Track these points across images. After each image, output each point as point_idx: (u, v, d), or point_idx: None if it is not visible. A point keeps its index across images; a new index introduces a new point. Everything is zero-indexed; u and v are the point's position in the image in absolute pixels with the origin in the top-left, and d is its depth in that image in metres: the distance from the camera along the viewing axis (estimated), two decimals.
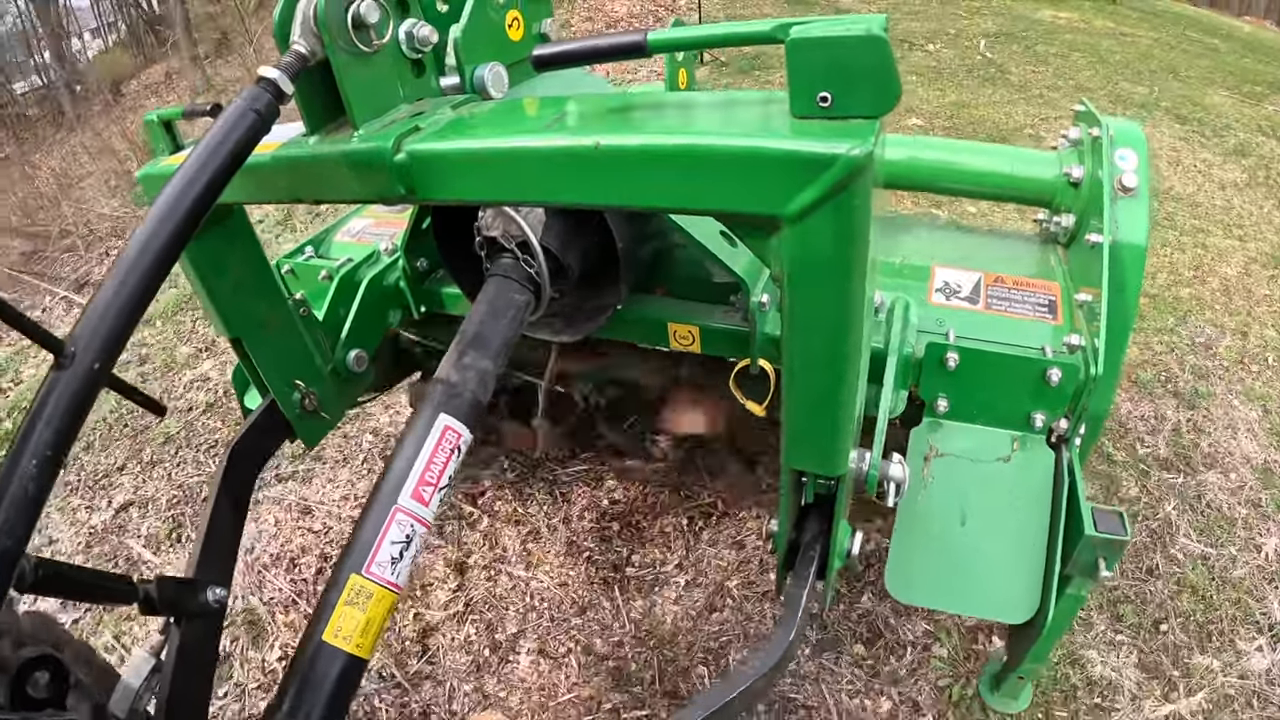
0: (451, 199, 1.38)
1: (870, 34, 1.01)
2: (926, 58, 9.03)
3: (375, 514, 1.38)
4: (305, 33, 1.31)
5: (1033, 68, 8.79)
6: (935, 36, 9.82)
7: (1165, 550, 2.89)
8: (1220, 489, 3.15)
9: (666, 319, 2.07)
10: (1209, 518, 3.03)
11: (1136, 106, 7.51)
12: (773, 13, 10.51)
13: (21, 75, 18.92)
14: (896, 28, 10.06)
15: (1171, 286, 4.46)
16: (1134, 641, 2.57)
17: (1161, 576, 2.79)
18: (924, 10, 11.23)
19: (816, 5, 11.12)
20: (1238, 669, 2.50)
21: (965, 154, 2.37)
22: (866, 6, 11.30)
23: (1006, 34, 10.14)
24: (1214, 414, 3.53)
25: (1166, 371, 3.79)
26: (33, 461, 0.99)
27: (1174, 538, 2.94)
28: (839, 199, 1.05)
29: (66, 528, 3.60)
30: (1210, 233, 5.04)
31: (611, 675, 2.57)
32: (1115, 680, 2.46)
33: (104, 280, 1.10)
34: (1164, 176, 5.93)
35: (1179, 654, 2.54)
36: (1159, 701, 2.42)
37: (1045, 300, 2.04)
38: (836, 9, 10.93)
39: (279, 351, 1.98)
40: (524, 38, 1.84)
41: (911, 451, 1.91)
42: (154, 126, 1.73)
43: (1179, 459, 3.29)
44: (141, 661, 1.36)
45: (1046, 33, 10.39)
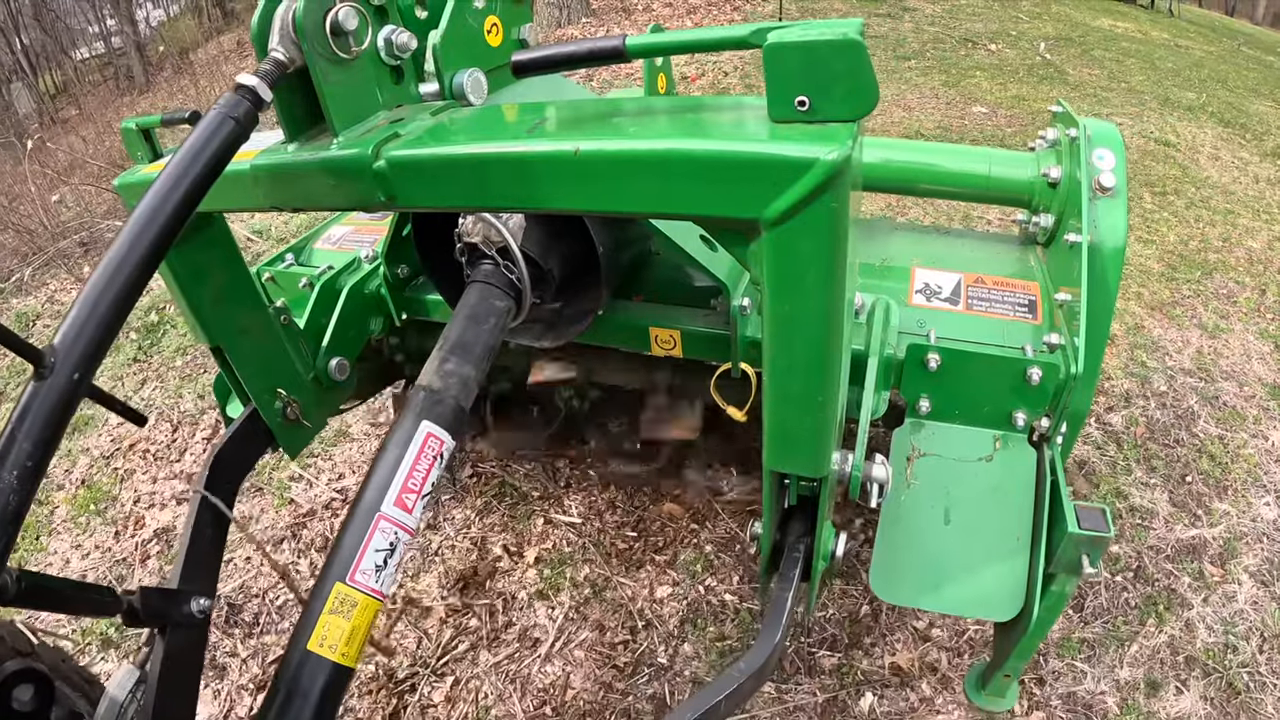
0: (431, 206, 1.38)
1: (846, 38, 1.01)
2: (989, 56, 9.39)
3: (358, 522, 1.37)
4: (284, 40, 1.31)
5: (1089, 70, 9.05)
6: (997, 37, 10.16)
7: (1189, 429, 3.48)
8: (1235, 395, 3.70)
9: (648, 323, 2.07)
10: (1225, 412, 3.59)
11: (1183, 109, 7.71)
12: (843, 8, 11.27)
13: (84, 41, 18.84)
14: (960, 28, 10.56)
15: (1201, 251, 4.93)
16: (1165, 485, 3.18)
17: (1185, 446, 3.38)
18: (986, 13, 11.61)
19: (885, 2, 11.68)
20: (1250, 514, 3.07)
21: (943, 156, 2.38)
22: (932, 6, 11.70)
23: (1065, 39, 10.44)
24: (1232, 344, 4.07)
25: (1192, 311, 4.33)
26: (13, 474, 0.98)
27: (1195, 422, 3.52)
28: (817, 202, 1.06)
29: None
30: (1240, 215, 5.46)
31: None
32: (1151, 508, 3.07)
33: (83, 290, 1.09)
34: (1202, 168, 6.26)
35: (1201, 499, 3.13)
36: (1187, 527, 3.01)
37: (1025, 300, 2.05)
38: (903, 7, 11.49)
39: (260, 360, 1.97)
40: (503, 43, 1.84)
41: (894, 452, 1.92)
42: (131, 134, 1.72)
43: (1200, 370, 3.86)
44: (126, 674, 1.35)
45: (1104, 39, 10.72)
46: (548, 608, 2.81)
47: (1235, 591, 2.75)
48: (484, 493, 3.28)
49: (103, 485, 3.73)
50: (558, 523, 3.12)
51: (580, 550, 3.00)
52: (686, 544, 2.99)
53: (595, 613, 2.77)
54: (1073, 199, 2.04)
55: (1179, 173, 6.04)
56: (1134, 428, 3.45)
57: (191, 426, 4.04)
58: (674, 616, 2.73)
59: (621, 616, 2.74)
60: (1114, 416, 3.51)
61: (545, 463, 3.37)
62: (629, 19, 10.81)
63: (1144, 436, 3.41)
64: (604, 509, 3.16)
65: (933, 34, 10.19)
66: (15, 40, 16.05)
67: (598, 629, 2.71)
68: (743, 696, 1.59)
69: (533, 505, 3.21)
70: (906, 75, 8.42)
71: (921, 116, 7.05)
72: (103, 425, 4.15)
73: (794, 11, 10.67)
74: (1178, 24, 13.35)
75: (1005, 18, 11.34)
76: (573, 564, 2.95)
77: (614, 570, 2.92)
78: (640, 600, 2.80)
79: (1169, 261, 4.76)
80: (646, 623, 2.71)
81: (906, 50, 9.44)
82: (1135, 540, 2.92)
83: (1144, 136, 6.71)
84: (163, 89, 14.57)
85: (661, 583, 2.86)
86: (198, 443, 3.90)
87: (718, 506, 3.10)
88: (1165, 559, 2.86)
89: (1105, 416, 3.51)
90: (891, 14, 11.14)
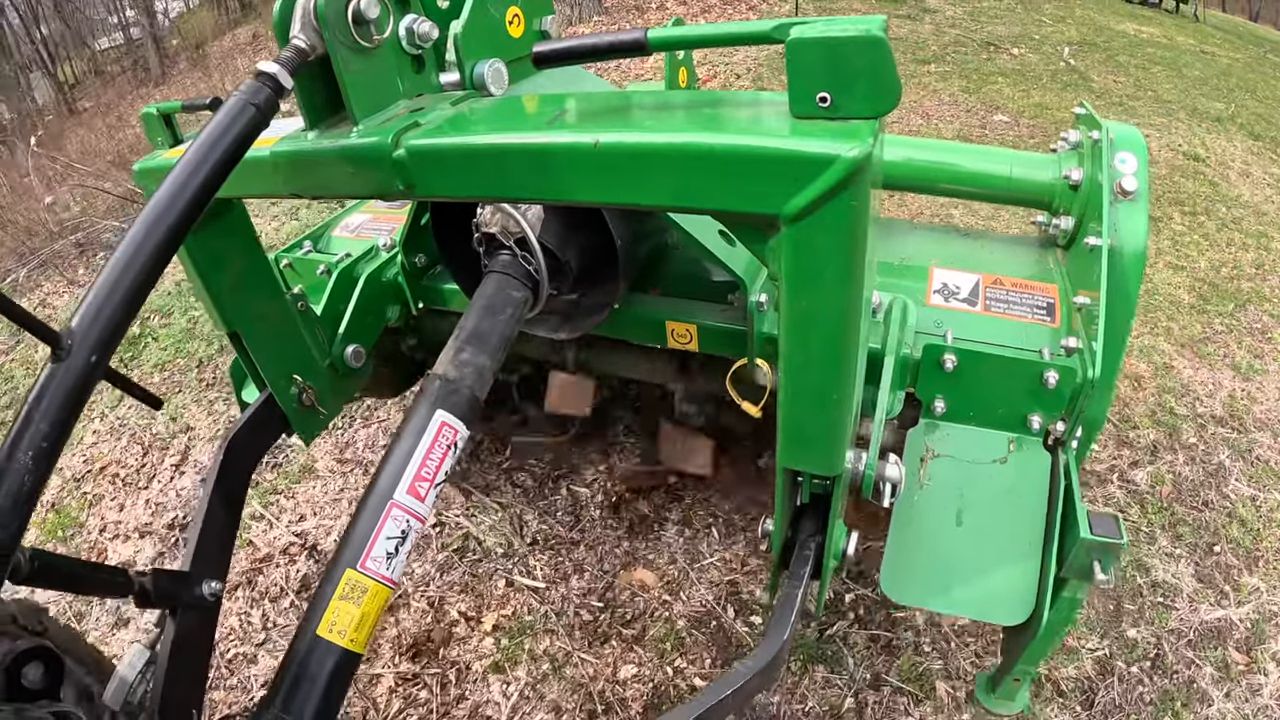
0: (450, 195, 1.38)
1: (870, 34, 1.01)
2: (1011, 61, 9.09)
3: (371, 509, 1.38)
4: (305, 27, 1.31)
5: (1114, 77, 8.82)
6: (1020, 41, 9.85)
7: (1219, 489, 3.19)
8: (1269, 447, 3.42)
9: (664, 317, 2.07)
10: (1258, 468, 3.30)
11: (1211, 120, 7.50)
12: (862, 8, 10.83)
13: (103, 32, 18.96)
14: (981, 30, 10.21)
15: (1234, 279, 4.69)
16: (1190, 556, 2.90)
17: (1215, 509, 3.10)
18: (1008, 15, 11.28)
19: (905, 3, 11.29)
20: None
21: (965, 156, 2.37)
22: (952, 8, 11.36)
23: (1089, 43, 10.15)
24: (1267, 389, 3.79)
25: (1224, 349, 4.05)
26: (29, 454, 0.99)
27: (1226, 480, 3.23)
28: (837, 199, 1.05)
29: (204, 417, 4.00)
30: (1274, 238, 5.23)
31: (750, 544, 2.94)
32: (1175, 584, 2.80)
33: (101, 273, 1.10)
34: (1233, 185, 6.04)
35: (1230, 572, 2.85)
36: (1213, 606, 2.73)
37: (1044, 303, 2.04)
38: (923, 8, 11.10)
39: (277, 346, 1.98)
40: (524, 34, 1.84)
41: (908, 452, 1.91)
42: (152, 119, 1.73)
43: (1233, 418, 3.57)
44: (136, 654, 1.36)
45: (1129, 45, 10.41)
46: (502, 683, 2.60)
47: (1261, 684, 2.52)
48: (446, 545, 3.06)
49: (70, 511, 3.64)
50: (520, 586, 2.88)
51: (542, 619, 2.76)
52: (657, 617, 2.74)
53: (553, 691, 2.55)
54: (1094, 202, 2.03)
55: (1209, 190, 5.81)
56: (1160, 487, 3.17)
57: (161, 451, 3.87)
58: (637, 700, 2.52)
59: (580, 698, 2.53)
60: (1139, 473, 3.24)
61: (513, 515, 3.13)
62: (642, 17, 10.65)
63: (1170, 497, 3.13)
64: (571, 572, 2.92)
65: (953, 37, 9.88)
66: (35, 31, 16.17)
67: (554, 711, 2.51)
68: (749, 694, 1.59)
69: (496, 563, 2.97)
70: (925, 80, 8.20)
71: (940, 125, 6.85)
72: (76, 445, 4.07)
73: (811, 11, 10.13)
74: (1203, 29, 13.10)
75: (1028, 21, 11.04)
76: (533, 634, 2.72)
77: (576, 644, 2.68)
78: (602, 680, 2.57)
79: (1200, 291, 4.51)
80: (607, 706, 2.50)
81: (926, 53, 9.16)
82: (1156, 623, 2.68)
83: (1172, 149, 6.53)
84: (177, 81, 14.63)
85: (627, 661, 2.62)
86: (166, 469, 3.74)
87: (694, 574, 2.86)
88: (1187, 645, 2.62)
89: (1130, 473, 3.24)
90: (911, 15, 10.81)
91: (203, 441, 3.87)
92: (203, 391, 4.22)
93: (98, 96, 15.07)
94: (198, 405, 4.12)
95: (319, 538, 3.19)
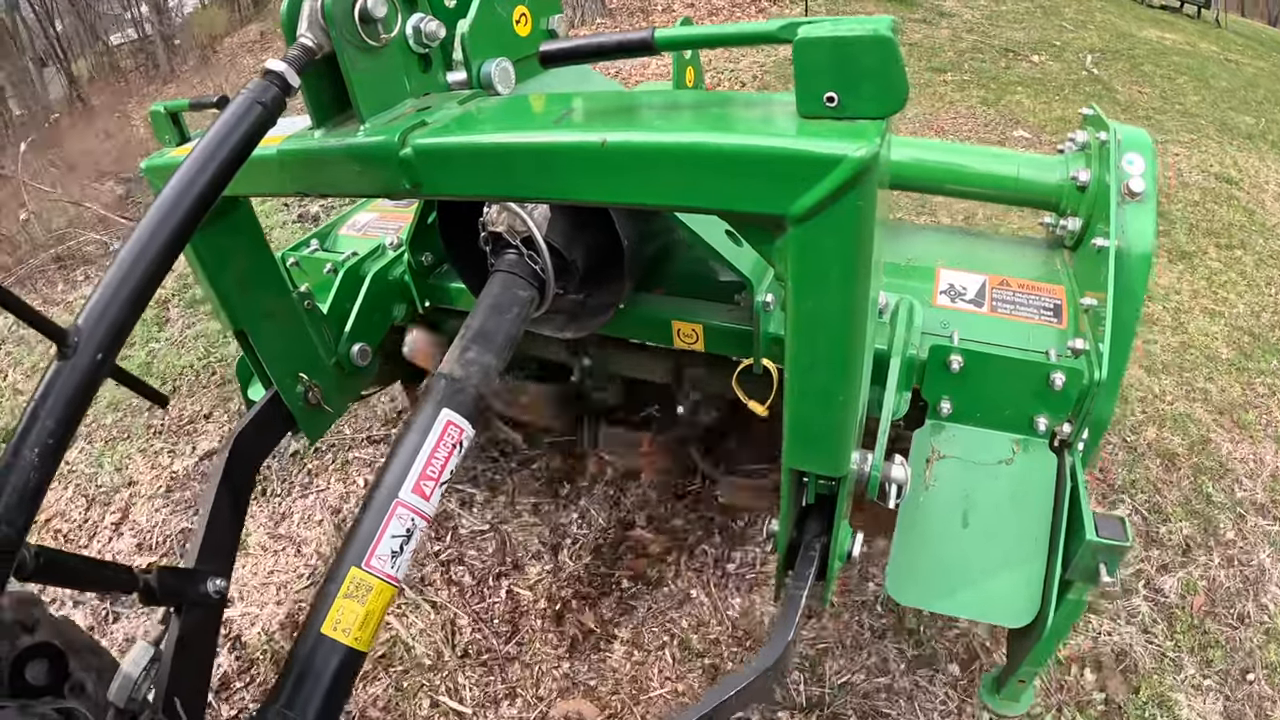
0: (457, 194, 1.38)
1: (878, 34, 1.00)
2: (1031, 69, 8.76)
3: (376, 507, 1.38)
4: (312, 26, 1.31)
5: (1139, 88, 8.56)
6: (1040, 48, 9.58)
7: (1256, 598, 2.87)
8: None
9: (670, 317, 2.07)
10: None
11: (1243, 137, 7.28)
12: (875, 9, 10.49)
13: (118, 27, 18.99)
14: (1000, 36, 9.94)
15: (1276, 327, 4.39)
16: (1221, 688, 2.57)
17: (1251, 625, 2.77)
18: (1028, 21, 10.97)
19: (920, 6, 10.97)
20: None
21: (972, 156, 2.36)
22: (970, 11, 11.08)
23: (1112, 51, 9.87)
24: None
25: (1267, 415, 3.73)
26: (34, 451, 0.99)
27: (1265, 586, 2.92)
28: (845, 199, 1.05)
29: (148, 470, 3.64)
30: None
31: (706, 673, 2.58)
32: None
33: (108, 271, 1.10)
34: (1269, 212, 5.80)
35: (1263, 705, 2.54)
36: None
37: (1050, 304, 2.03)
38: (939, 11, 10.84)
39: (283, 344, 1.98)
40: (531, 33, 1.84)
41: (914, 453, 1.90)
42: (160, 118, 1.73)
43: (1275, 505, 3.25)
44: (141, 652, 1.36)
45: (1153, 53, 10.12)
46: None
47: None
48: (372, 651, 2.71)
49: None
50: (446, 709, 2.55)
51: None
52: None
53: None
54: (1101, 203, 2.02)
55: (1245, 219, 5.52)
56: (1191, 597, 2.84)
57: (104, 507, 3.52)
58: None
59: None
60: (1168, 580, 2.90)
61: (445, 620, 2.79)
62: (647, 20, 10.52)
63: (1202, 611, 2.80)
64: (502, 696, 2.57)
65: (971, 43, 9.57)
66: (50, 26, 16.24)
67: None
68: (754, 694, 1.59)
69: (422, 677, 2.63)
70: (941, 90, 7.93)
71: (956, 141, 6.43)
72: None
73: (823, 14, 9.83)
74: (1225, 36, 12.86)
75: (1048, 26, 10.73)
76: None
77: None
78: None
79: (1239, 343, 4.14)
80: None
81: (942, 60, 8.90)
82: None
83: (1204, 171, 6.26)
84: (185, 79, 14.65)
85: None
86: (106, 528, 3.39)
87: (638, 709, 2.52)
88: None
89: (1158, 579, 2.90)
90: (927, 19, 10.50)
91: (144, 500, 3.50)
92: (150, 440, 3.88)
93: (109, 93, 15.12)
94: (143, 456, 3.78)
95: (243, 627, 2.84)
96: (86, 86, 15.91)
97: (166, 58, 16.46)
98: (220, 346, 4.42)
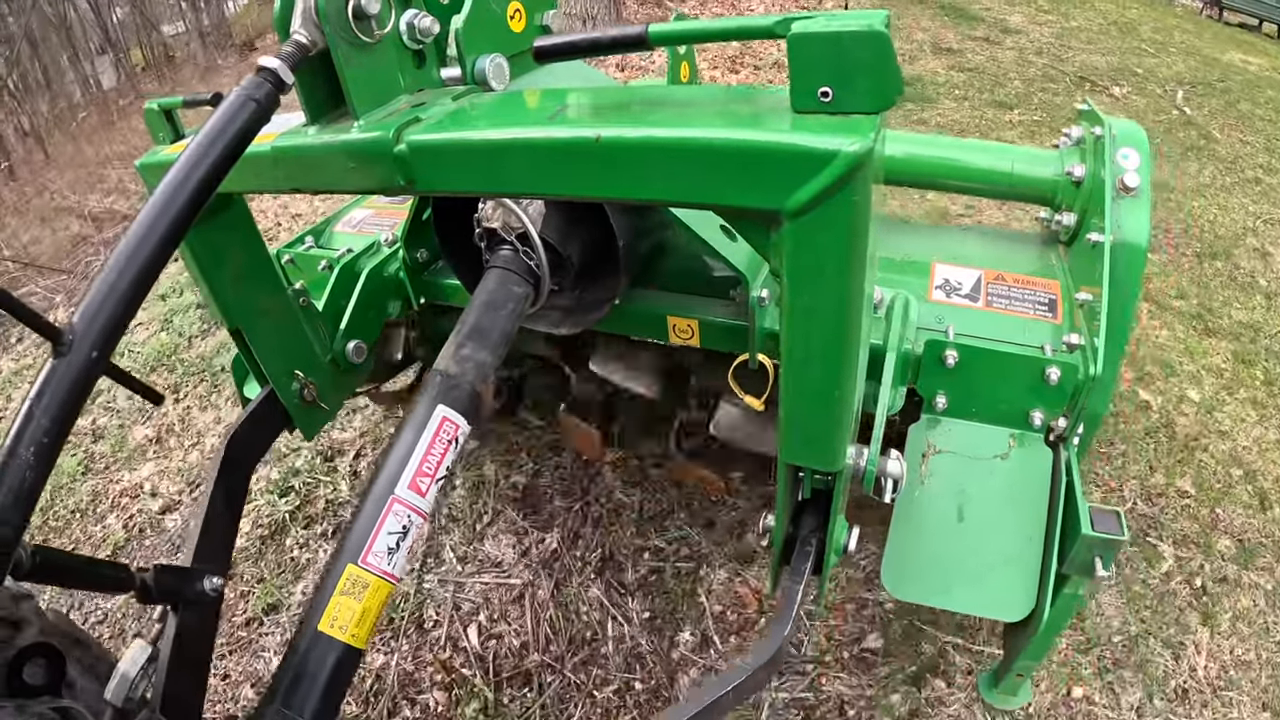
0: (451, 190, 1.38)
1: (872, 29, 1.00)
2: (1114, 106, 7.38)
3: (372, 504, 1.38)
4: (306, 22, 1.31)
5: (1240, 135, 7.00)
6: (1121, 76, 8.22)
7: None
8: None
9: (666, 312, 2.07)
10: None
11: None
12: (930, 25, 9.34)
13: (171, 19, 18.92)
14: (1073, 60, 8.61)
15: None
16: None
17: None
18: (1102, 41, 9.50)
19: (981, 21, 9.57)
20: None
21: (967, 151, 2.37)
22: (1038, 27, 9.63)
23: (1202, 83, 8.35)
24: None
25: None
26: (30, 449, 0.99)
27: None
28: (839, 194, 1.05)
29: None
30: None
31: None
32: None
33: (102, 269, 1.10)
34: None
35: None
36: None
37: (1045, 299, 2.03)
38: (1003, 28, 9.42)
39: (278, 341, 1.98)
40: (526, 29, 1.84)
41: (910, 448, 1.91)
42: (154, 115, 1.73)
43: None
44: (138, 650, 1.36)
45: (1247, 85, 8.61)
46: None
47: None
48: None
49: None
50: None
51: None
52: None
53: None
54: (1096, 198, 2.03)
55: None
56: None
57: None
58: None
59: None
60: None
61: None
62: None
63: None
64: None
65: (1040, 68, 8.17)
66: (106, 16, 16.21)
67: None
68: (751, 688, 1.59)
69: None
70: (1008, 136, 6.45)
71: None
72: None
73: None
74: None
75: (1126, 49, 9.20)
76: None
77: None
78: None
79: None
80: None
81: (1008, 92, 7.41)
82: None
83: None
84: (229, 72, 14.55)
85: None
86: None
87: None
88: None
89: None
90: (989, 37, 9.04)
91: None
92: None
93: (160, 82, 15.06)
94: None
95: None
96: (141, 75, 15.89)
97: (203, 53, 16.45)
98: None
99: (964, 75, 7.86)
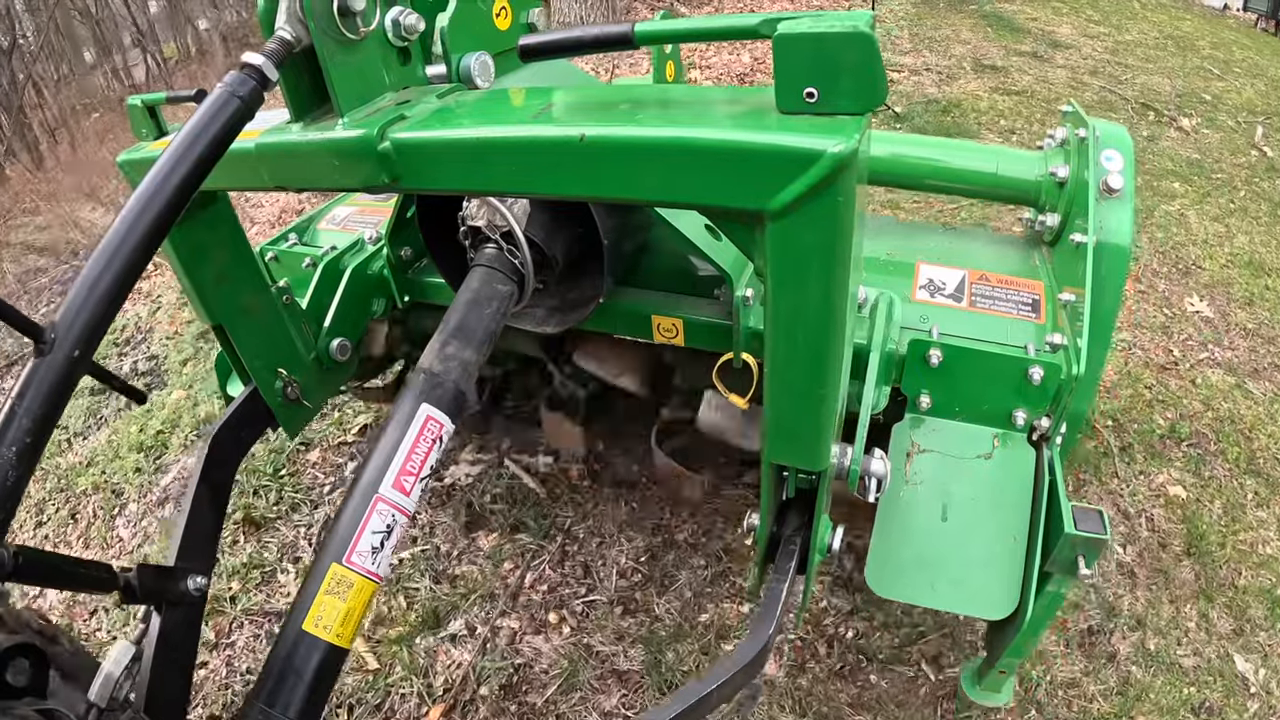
0: (435, 188, 1.37)
1: (857, 30, 1.01)
2: (1183, 141, 6.02)
3: (356, 503, 1.38)
4: (291, 19, 1.30)
5: None
6: (1188, 104, 6.84)
7: None
8: None
9: (650, 311, 2.07)
10: None
11: None
12: (971, 36, 8.26)
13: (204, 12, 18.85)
14: (1133, 81, 7.27)
15: None
16: None
17: None
18: (1160, 59, 8.06)
19: (1027, 33, 8.44)
20: None
21: (951, 152, 2.38)
22: (1090, 41, 8.39)
23: (1277, 114, 6.87)
24: None
25: None
26: (11, 449, 0.98)
27: None
28: (824, 194, 1.06)
29: None
30: None
31: None
32: None
33: (85, 267, 1.09)
34: None
35: None
36: None
37: (1029, 299, 2.04)
38: (1052, 41, 8.21)
39: (261, 339, 1.97)
40: (511, 27, 1.84)
41: (893, 447, 1.91)
42: (137, 111, 1.71)
43: None
44: (122, 651, 1.35)
45: None
46: None
47: None
48: None
49: None
50: None
51: None
52: None
53: None
54: (1079, 199, 2.04)
55: None
56: None
57: None
58: None
59: None
60: None
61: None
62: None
63: None
64: None
65: (1096, 91, 6.91)
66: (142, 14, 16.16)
67: None
68: (734, 687, 1.59)
69: None
70: None
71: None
72: None
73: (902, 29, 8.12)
74: None
75: (1188, 69, 7.82)
76: None
77: None
78: None
79: None
80: None
81: None
82: None
83: None
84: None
85: None
86: None
87: None
88: None
89: None
90: (1037, 53, 7.84)
91: None
92: None
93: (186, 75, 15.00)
94: None
95: None
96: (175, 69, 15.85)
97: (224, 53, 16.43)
98: None
99: (1010, 100, 6.63)
